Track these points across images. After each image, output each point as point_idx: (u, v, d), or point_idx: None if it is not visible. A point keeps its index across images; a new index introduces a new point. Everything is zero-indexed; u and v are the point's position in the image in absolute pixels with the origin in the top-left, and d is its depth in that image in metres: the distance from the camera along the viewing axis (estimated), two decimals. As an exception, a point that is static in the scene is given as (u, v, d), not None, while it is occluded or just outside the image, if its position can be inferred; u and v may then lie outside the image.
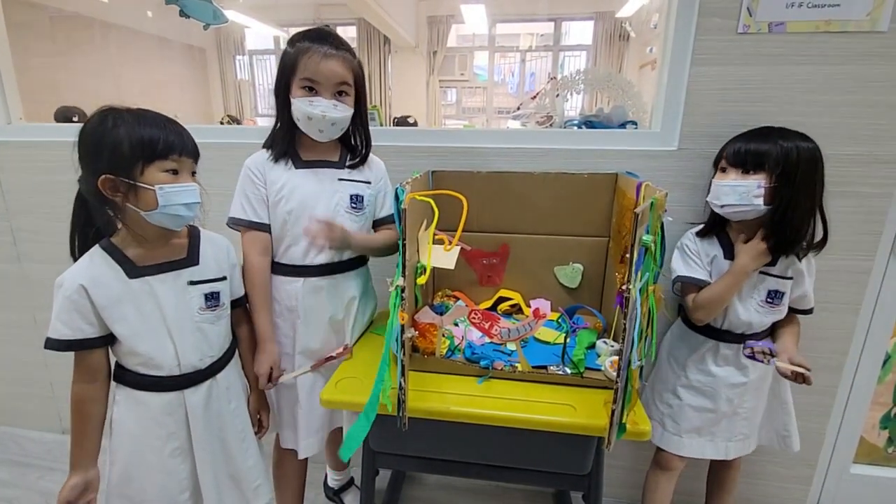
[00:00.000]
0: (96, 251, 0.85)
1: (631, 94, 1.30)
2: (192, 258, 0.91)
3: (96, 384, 0.87)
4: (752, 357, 1.00)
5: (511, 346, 1.04)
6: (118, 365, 0.90)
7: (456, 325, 1.14)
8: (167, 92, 5.00)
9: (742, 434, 1.15)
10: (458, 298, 1.27)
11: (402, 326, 0.74)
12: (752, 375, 1.08)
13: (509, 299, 1.26)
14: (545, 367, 0.98)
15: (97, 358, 0.86)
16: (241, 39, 5.96)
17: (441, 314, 1.09)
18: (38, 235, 1.54)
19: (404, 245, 0.75)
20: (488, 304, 1.27)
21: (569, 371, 0.96)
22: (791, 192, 0.96)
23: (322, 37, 0.99)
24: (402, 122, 3.97)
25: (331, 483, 1.47)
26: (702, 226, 1.13)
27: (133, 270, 0.85)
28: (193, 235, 0.94)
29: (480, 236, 1.25)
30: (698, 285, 1.08)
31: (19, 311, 1.64)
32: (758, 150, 0.99)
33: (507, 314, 1.25)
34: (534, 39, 6.10)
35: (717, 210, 1.05)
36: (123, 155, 0.77)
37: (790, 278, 1.05)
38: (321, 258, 1.06)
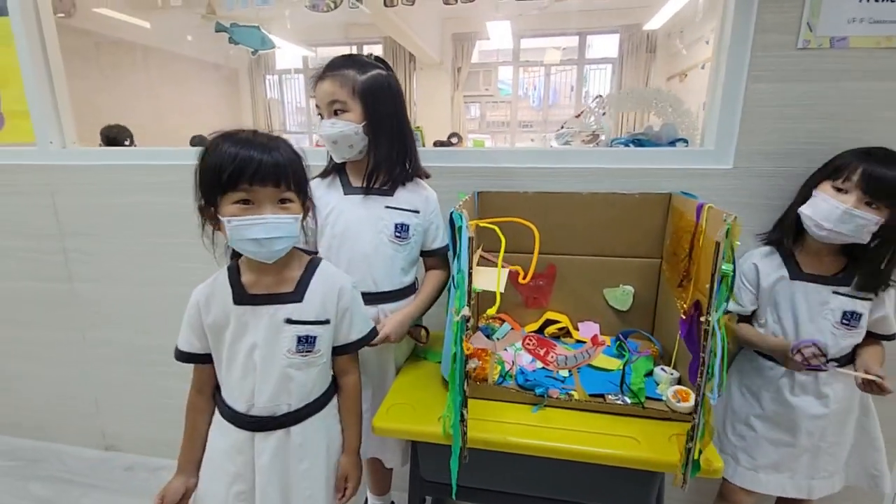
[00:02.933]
0: (223, 270, 0.86)
1: (680, 112, 1.27)
2: (297, 294, 0.85)
3: (202, 396, 0.90)
4: (806, 364, 0.95)
5: (563, 373, 1.01)
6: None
7: (505, 349, 1.11)
8: (202, 111, 5.17)
9: (826, 471, 1.06)
10: (503, 321, 1.25)
11: (467, 358, 0.72)
12: (834, 406, 1.01)
13: (557, 322, 1.23)
14: (602, 396, 0.94)
15: (205, 372, 0.89)
16: (272, 59, 6.14)
17: (488, 337, 1.06)
18: (89, 256, 1.58)
19: (470, 274, 0.73)
20: (535, 326, 1.24)
21: (628, 401, 0.92)
22: None
23: (327, 64, 1.00)
24: (447, 143, 4.05)
25: (370, 507, 1.44)
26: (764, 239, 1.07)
27: (241, 296, 0.84)
28: (308, 269, 0.87)
29: (526, 257, 1.22)
30: (736, 312, 1.04)
31: (67, 330, 1.68)
32: None
33: (555, 337, 1.21)
34: (559, 54, 6.10)
35: (813, 227, 0.96)
36: (205, 183, 0.77)
37: (869, 298, 0.98)
38: (362, 288, 1.01)
